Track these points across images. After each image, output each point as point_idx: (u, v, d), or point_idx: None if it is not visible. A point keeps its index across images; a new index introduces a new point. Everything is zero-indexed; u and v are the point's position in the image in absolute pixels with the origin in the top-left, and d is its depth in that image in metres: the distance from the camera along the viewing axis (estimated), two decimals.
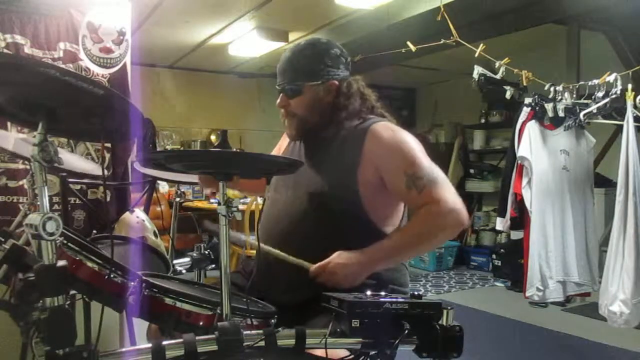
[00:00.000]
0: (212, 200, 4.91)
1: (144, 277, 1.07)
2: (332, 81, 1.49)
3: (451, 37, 3.11)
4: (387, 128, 1.46)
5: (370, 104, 1.55)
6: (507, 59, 3.02)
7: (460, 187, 6.42)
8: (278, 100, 1.52)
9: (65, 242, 0.98)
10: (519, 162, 2.95)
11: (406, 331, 1.03)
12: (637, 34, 4.11)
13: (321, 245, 1.36)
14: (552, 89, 2.99)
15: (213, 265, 1.80)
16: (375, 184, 1.42)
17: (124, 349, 0.99)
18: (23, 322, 1.02)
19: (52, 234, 0.89)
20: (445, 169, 6.27)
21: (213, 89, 6.64)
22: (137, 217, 2.00)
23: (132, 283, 1.03)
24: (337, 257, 1.33)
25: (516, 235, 3.10)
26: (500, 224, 3.11)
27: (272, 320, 1.16)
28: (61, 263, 0.92)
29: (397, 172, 1.40)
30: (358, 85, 1.54)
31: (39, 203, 0.95)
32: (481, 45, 3.05)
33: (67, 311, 0.90)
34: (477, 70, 3.06)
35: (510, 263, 4.91)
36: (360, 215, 1.42)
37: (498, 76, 3.03)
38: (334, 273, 1.31)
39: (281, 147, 1.73)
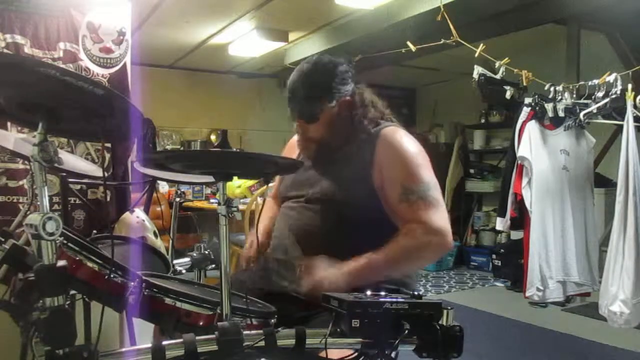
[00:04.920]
0: (212, 200, 4.91)
1: (144, 277, 1.07)
2: (344, 98, 1.49)
3: (451, 37, 3.11)
4: (396, 133, 1.48)
5: (380, 110, 1.57)
6: (507, 59, 3.02)
7: (460, 187, 6.42)
8: (295, 126, 1.52)
9: (65, 242, 0.98)
10: (519, 162, 2.95)
11: (406, 331, 1.03)
12: (637, 34, 4.11)
13: (341, 245, 1.38)
14: (552, 89, 2.99)
15: (213, 265, 1.80)
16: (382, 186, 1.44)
17: (124, 349, 0.99)
18: (23, 322, 1.02)
19: (52, 234, 0.89)
20: (445, 169, 6.33)
21: (213, 89, 6.64)
22: (137, 217, 2.00)
23: (132, 283, 1.03)
24: (323, 271, 1.32)
25: (516, 235, 3.09)
26: (500, 224, 3.11)
27: (272, 320, 1.16)
28: (61, 263, 0.92)
29: (394, 181, 1.41)
30: (367, 94, 1.56)
31: (39, 203, 0.95)
32: (481, 45, 3.05)
33: (67, 311, 0.90)
34: (477, 70, 3.05)
35: (510, 263, 4.90)
36: (379, 215, 1.43)
37: (498, 76, 3.03)
38: (320, 287, 1.28)
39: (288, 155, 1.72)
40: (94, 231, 2.13)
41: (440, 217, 1.37)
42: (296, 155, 1.67)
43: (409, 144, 1.46)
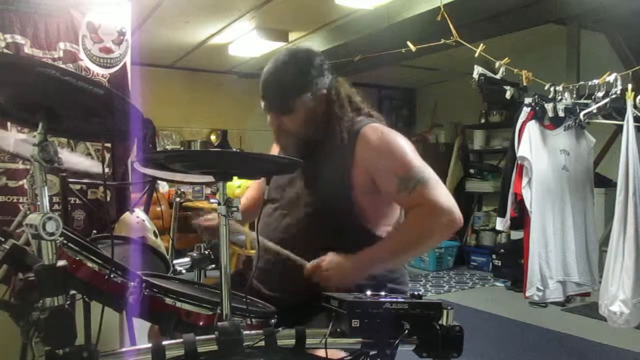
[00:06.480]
0: (212, 200, 4.90)
1: (144, 277, 1.07)
2: (321, 91, 1.46)
3: (451, 37, 3.11)
4: (376, 130, 1.44)
5: (356, 106, 1.52)
6: (507, 59, 3.02)
7: (460, 187, 6.42)
8: (269, 120, 1.50)
9: (65, 242, 0.98)
10: (519, 162, 2.95)
11: (406, 331, 1.03)
12: (637, 34, 4.11)
13: (316, 251, 1.36)
14: (552, 89, 2.99)
15: (213, 265, 1.80)
16: (368, 187, 1.42)
17: (124, 349, 0.99)
18: (23, 322, 1.02)
19: (52, 234, 0.89)
20: (445, 169, 6.32)
21: (213, 89, 6.64)
22: (137, 217, 2.00)
23: (132, 283, 1.03)
24: (331, 257, 1.34)
25: (516, 235, 3.08)
26: (500, 224, 3.11)
27: (272, 320, 1.16)
28: (61, 263, 0.92)
29: (387, 174, 1.39)
30: (344, 89, 1.52)
31: (39, 203, 0.95)
32: (481, 45, 3.05)
33: (67, 311, 0.90)
34: (477, 70, 3.05)
35: (510, 263, 4.90)
36: (353, 220, 1.42)
37: (498, 76, 3.03)
38: (327, 272, 1.32)
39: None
40: (94, 231, 2.13)
41: (444, 195, 1.36)
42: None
43: (391, 136, 1.43)
